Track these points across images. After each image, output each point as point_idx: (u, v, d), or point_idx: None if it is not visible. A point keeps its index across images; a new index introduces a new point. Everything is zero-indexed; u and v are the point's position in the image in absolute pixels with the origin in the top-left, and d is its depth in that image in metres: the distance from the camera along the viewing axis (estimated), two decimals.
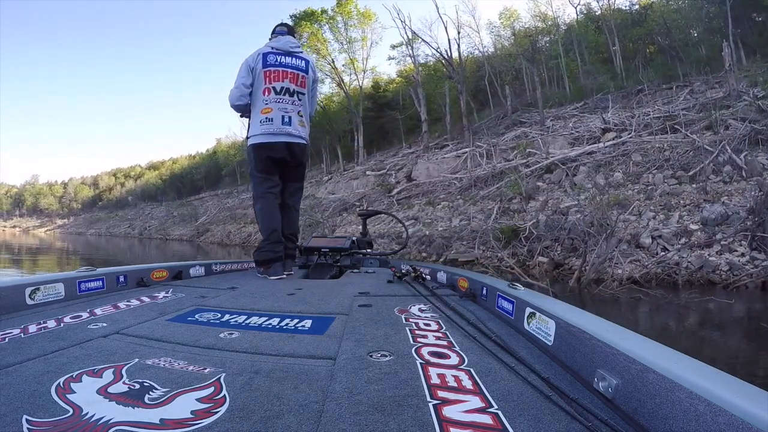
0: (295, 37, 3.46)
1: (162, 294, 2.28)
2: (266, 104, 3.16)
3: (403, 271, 2.91)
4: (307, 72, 3.30)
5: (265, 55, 3.19)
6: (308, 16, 31.42)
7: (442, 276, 2.84)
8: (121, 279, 2.46)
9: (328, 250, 3.88)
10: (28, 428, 0.79)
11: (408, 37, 27.92)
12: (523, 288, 1.76)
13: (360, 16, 31.84)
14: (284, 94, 3.18)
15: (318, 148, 35.71)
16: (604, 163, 12.45)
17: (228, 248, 21.33)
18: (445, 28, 25.82)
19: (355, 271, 3.56)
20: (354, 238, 4.02)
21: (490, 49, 32.07)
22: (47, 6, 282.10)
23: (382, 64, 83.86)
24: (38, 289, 1.92)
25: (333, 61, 32.33)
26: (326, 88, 34.55)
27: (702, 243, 7.36)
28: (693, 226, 7.97)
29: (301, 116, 3.29)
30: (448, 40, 24.98)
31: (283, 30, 3.43)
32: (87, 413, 0.85)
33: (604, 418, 0.86)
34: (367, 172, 24.14)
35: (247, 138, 3.30)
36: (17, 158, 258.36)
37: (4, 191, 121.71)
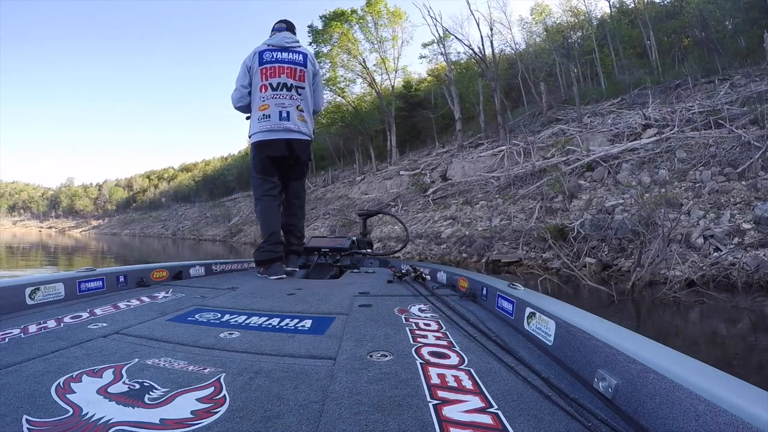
0: (294, 34, 3.44)
1: (162, 294, 2.31)
2: (263, 101, 3.12)
3: (403, 271, 2.92)
4: (305, 65, 3.22)
5: (261, 53, 3.17)
6: (338, 16, 31.52)
7: (442, 276, 2.85)
8: (121, 279, 2.49)
9: (328, 250, 3.89)
10: (28, 428, 0.80)
11: (440, 34, 27.78)
12: (522, 288, 1.77)
13: (390, 15, 31.79)
14: (281, 89, 3.12)
15: (350, 149, 35.84)
16: (647, 160, 12.05)
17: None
18: (477, 24, 25.79)
19: (355, 271, 3.57)
20: (354, 238, 4.03)
21: (522, 45, 31.79)
22: (81, 10, 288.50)
23: (413, 63, 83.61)
24: (38, 289, 1.94)
25: (364, 61, 32.39)
26: (357, 88, 34.74)
27: (756, 243, 7.21)
28: (746, 225, 7.60)
29: (301, 111, 3.21)
30: (481, 37, 24.95)
31: (281, 26, 3.41)
32: (87, 413, 0.86)
33: (604, 418, 0.87)
34: (401, 172, 24.05)
35: (249, 137, 3.31)
36: (54, 161, 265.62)
37: (41, 193, 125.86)
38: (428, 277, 2.80)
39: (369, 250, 4.19)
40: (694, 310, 5.52)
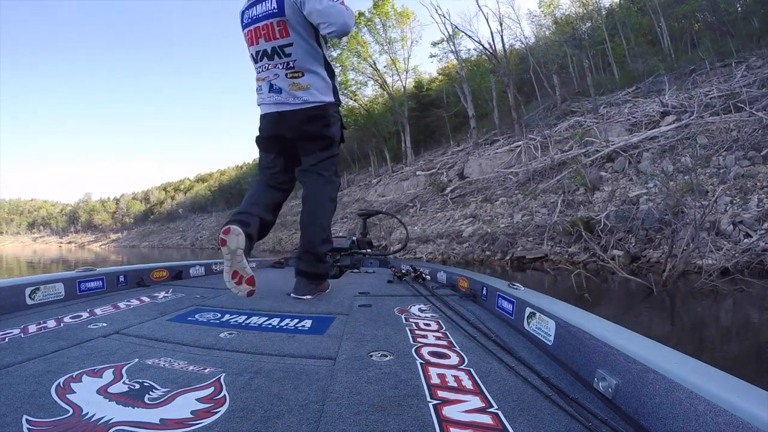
0: None
1: (162, 294, 2.30)
2: (256, 72, 2.54)
3: (403, 271, 2.92)
4: (282, 12, 2.35)
5: (242, 14, 2.51)
6: None
7: (442, 276, 2.84)
8: (121, 279, 2.48)
9: None
10: (28, 428, 0.80)
11: (449, 32, 27.63)
12: (522, 288, 1.76)
13: (398, 15, 31.68)
14: (262, 59, 2.45)
15: (365, 151, 35.84)
16: (668, 147, 11.92)
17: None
18: (487, 20, 25.71)
19: (355, 271, 3.56)
20: (354, 238, 4.02)
21: (532, 39, 31.58)
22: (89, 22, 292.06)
23: (423, 62, 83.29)
24: (38, 289, 1.94)
25: (374, 63, 32.36)
26: (369, 91, 34.73)
27: None
28: None
29: (297, 75, 2.42)
30: (491, 32, 24.85)
31: None
32: (87, 413, 0.86)
33: (604, 418, 0.87)
34: (417, 172, 24.03)
35: None
36: (70, 177, 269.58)
37: (59, 209, 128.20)
38: (428, 277, 2.80)
39: (369, 250, 4.18)
40: (736, 298, 5.39)
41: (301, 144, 2.55)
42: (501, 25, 24.92)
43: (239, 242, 2.08)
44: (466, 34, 26.01)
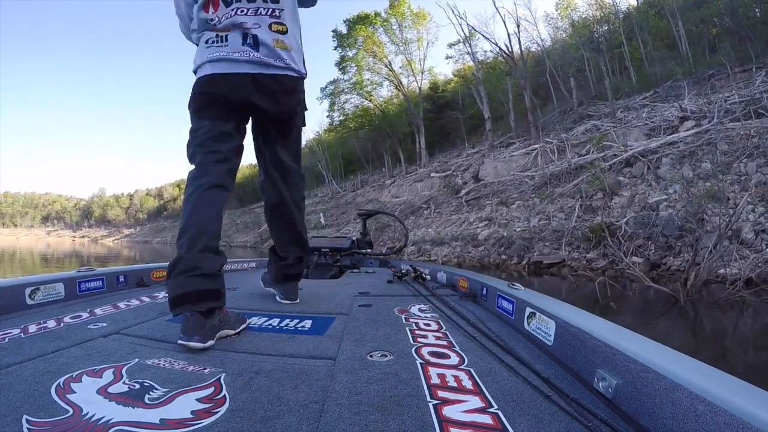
0: None
1: (162, 294, 2.28)
2: (220, 17, 1.76)
3: (403, 271, 2.91)
4: None
5: None
6: (362, 19, 31.66)
7: (442, 276, 2.82)
8: (121, 279, 2.47)
9: (327, 250, 3.85)
10: (28, 428, 0.80)
11: (465, 34, 27.56)
12: (522, 288, 1.75)
13: (414, 16, 31.75)
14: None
15: (379, 152, 35.85)
16: (687, 153, 11.74)
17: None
18: (504, 21, 25.51)
19: (355, 271, 3.57)
20: (354, 238, 4.01)
21: (548, 42, 31.39)
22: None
23: (439, 63, 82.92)
24: (38, 289, 1.93)
25: (390, 64, 32.46)
26: (384, 91, 34.82)
27: None
28: None
29: (281, 26, 1.81)
30: (508, 34, 24.69)
31: None
32: (87, 413, 0.86)
33: (604, 418, 0.86)
34: (432, 174, 23.95)
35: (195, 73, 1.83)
36: (85, 172, 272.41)
37: (73, 204, 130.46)
38: (428, 277, 2.80)
39: (369, 250, 4.17)
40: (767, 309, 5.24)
41: (276, 126, 1.95)
42: (518, 26, 24.87)
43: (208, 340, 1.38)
44: (483, 35, 25.91)
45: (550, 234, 10.97)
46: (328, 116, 37.19)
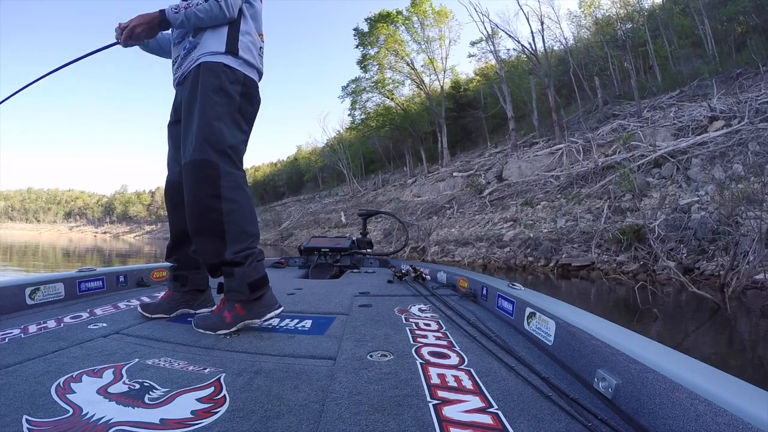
0: None
1: (162, 294, 2.24)
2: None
3: (403, 271, 2.92)
4: None
5: None
6: (383, 18, 31.68)
7: (442, 276, 2.82)
8: (121, 279, 2.48)
9: (328, 250, 3.88)
10: (28, 428, 0.81)
11: (488, 32, 27.23)
12: (522, 288, 1.75)
13: (436, 14, 31.61)
14: None
15: (400, 151, 35.85)
16: (718, 154, 11.39)
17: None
18: (527, 19, 25.26)
19: (355, 271, 3.58)
20: (354, 238, 4.04)
21: (572, 40, 31.00)
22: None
23: (461, 62, 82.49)
24: (38, 289, 1.94)
25: (412, 62, 32.38)
26: (406, 90, 34.82)
27: None
28: None
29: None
30: (531, 32, 24.49)
31: None
32: (87, 413, 0.87)
33: (604, 418, 0.86)
34: (455, 174, 23.79)
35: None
36: (107, 169, 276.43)
37: (95, 200, 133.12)
38: (428, 277, 2.83)
39: (369, 250, 4.19)
40: None
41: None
42: (542, 24, 24.61)
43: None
44: (506, 33, 25.56)
45: (578, 235, 10.74)
46: (349, 114, 37.36)
